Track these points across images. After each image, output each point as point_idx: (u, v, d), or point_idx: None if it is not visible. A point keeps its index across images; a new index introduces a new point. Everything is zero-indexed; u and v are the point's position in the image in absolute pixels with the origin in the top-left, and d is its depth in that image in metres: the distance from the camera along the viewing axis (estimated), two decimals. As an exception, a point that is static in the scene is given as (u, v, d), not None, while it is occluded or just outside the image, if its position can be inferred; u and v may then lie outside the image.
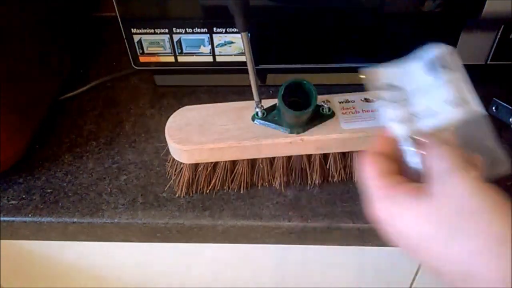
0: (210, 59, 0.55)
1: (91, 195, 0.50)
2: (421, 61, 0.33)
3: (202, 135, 0.46)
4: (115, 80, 0.64)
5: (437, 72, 0.32)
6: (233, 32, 0.53)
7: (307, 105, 0.43)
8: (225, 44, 0.54)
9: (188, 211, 0.48)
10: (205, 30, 0.53)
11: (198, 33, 0.53)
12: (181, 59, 0.56)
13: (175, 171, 0.49)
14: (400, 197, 0.30)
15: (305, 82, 0.43)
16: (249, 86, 0.46)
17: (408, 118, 0.32)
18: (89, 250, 0.59)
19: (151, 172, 0.52)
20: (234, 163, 0.48)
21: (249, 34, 0.44)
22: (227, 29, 0.52)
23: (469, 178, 0.28)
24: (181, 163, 0.48)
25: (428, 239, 0.28)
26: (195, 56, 0.55)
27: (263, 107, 0.47)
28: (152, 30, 0.53)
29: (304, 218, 0.47)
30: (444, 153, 0.30)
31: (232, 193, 0.50)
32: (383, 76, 0.34)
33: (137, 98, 0.61)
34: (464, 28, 0.52)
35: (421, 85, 0.32)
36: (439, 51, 0.32)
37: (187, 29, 0.53)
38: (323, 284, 0.64)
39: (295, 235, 0.48)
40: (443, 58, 0.32)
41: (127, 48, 0.55)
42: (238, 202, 0.49)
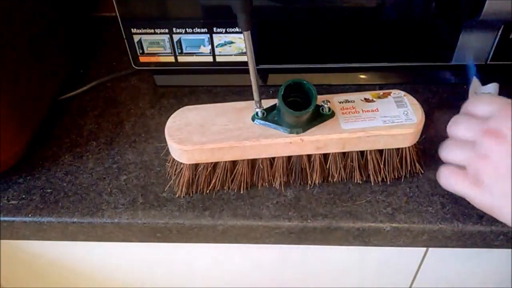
0: (210, 59, 0.55)
1: (91, 195, 0.50)
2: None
3: (202, 135, 0.46)
4: (115, 80, 0.64)
5: None
6: (233, 32, 0.53)
7: (307, 105, 0.43)
8: (225, 44, 0.54)
9: (188, 211, 0.48)
10: (205, 30, 0.53)
11: (198, 33, 0.53)
12: (181, 59, 0.56)
13: (175, 171, 0.49)
14: None
15: (305, 82, 0.43)
16: (249, 86, 0.46)
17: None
18: (89, 250, 0.59)
19: (151, 172, 0.52)
20: (234, 163, 0.48)
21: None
22: (227, 29, 0.52)
23: None
24: (181, 163, 0.48)
25: None
26: (195, 56, 0.55)
27: (263, 107, 0.47)
28: (152, 30, 0.53)
29: (304, 218, 0.47)
30: None
31: (232, 193, 0.50)
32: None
33: (137, 98, 0.61)
34: (464, 28, 0.52)
35: None
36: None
37: (187, 29, 0.53)
38: (323, 284, 0.64)
39: (295, 235, 0.48)
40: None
41: (127, 48, 0.55)
42: (238, 202, 0.49)
